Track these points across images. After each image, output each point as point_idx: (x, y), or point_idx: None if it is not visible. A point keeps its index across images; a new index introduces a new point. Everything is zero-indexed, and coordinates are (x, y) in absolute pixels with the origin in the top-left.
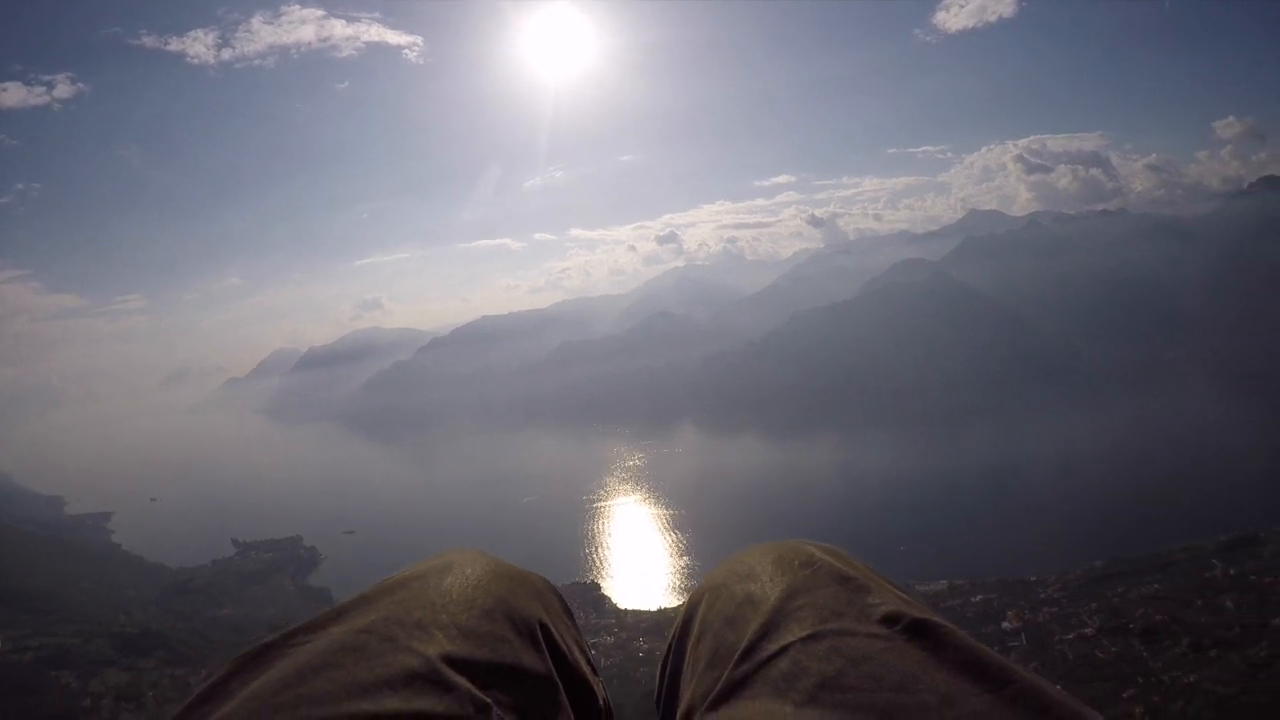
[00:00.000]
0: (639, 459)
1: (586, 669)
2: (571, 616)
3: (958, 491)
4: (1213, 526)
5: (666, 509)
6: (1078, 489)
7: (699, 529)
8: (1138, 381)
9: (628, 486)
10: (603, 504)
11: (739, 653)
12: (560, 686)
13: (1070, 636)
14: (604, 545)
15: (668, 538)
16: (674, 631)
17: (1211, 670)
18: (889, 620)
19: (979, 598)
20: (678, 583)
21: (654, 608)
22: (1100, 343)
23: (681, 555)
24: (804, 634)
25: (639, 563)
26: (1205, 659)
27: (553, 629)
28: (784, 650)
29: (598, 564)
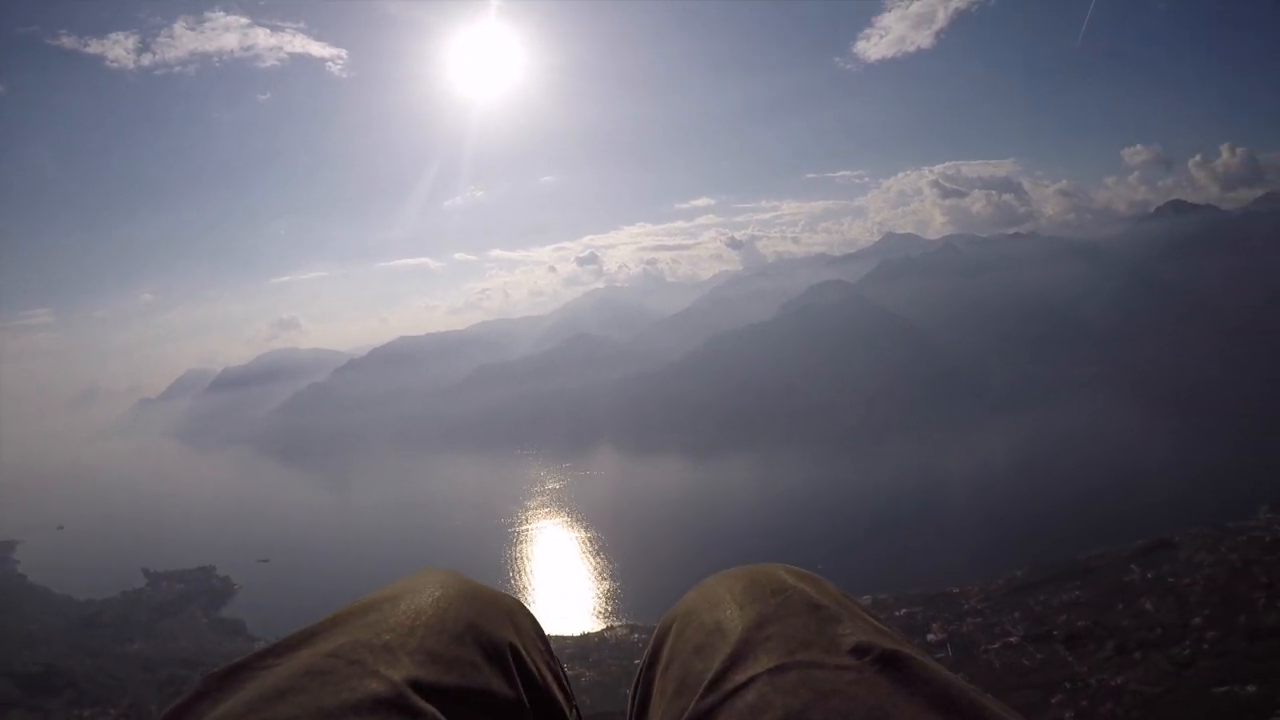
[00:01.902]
0: (558, 482)
1: (559, 693)
2: (545, 639)
3: (877, 508)
4: (1128, 533)
5: (587, 532)
6: (995, 502)
7: (620, 552)
8: (1050, 397)
9: (548, 510)
10: (523, 528)
11: (706, 683)
12: (530, 712)
13: (996, 645)
14: (525, 570)
15: (589, 562)
16: (644, 659)
17: (1137, 671)
18: (859, 651)
19: (903, 611)
20: (600, 607)
21: (576, 632)
22: (1013, 361)
23: (603, 579)
24: (772, 665)
25: (561, 588)
26: (1130, 661)
27: (524, 653)
28: (751, 682)
29: (519, 589)
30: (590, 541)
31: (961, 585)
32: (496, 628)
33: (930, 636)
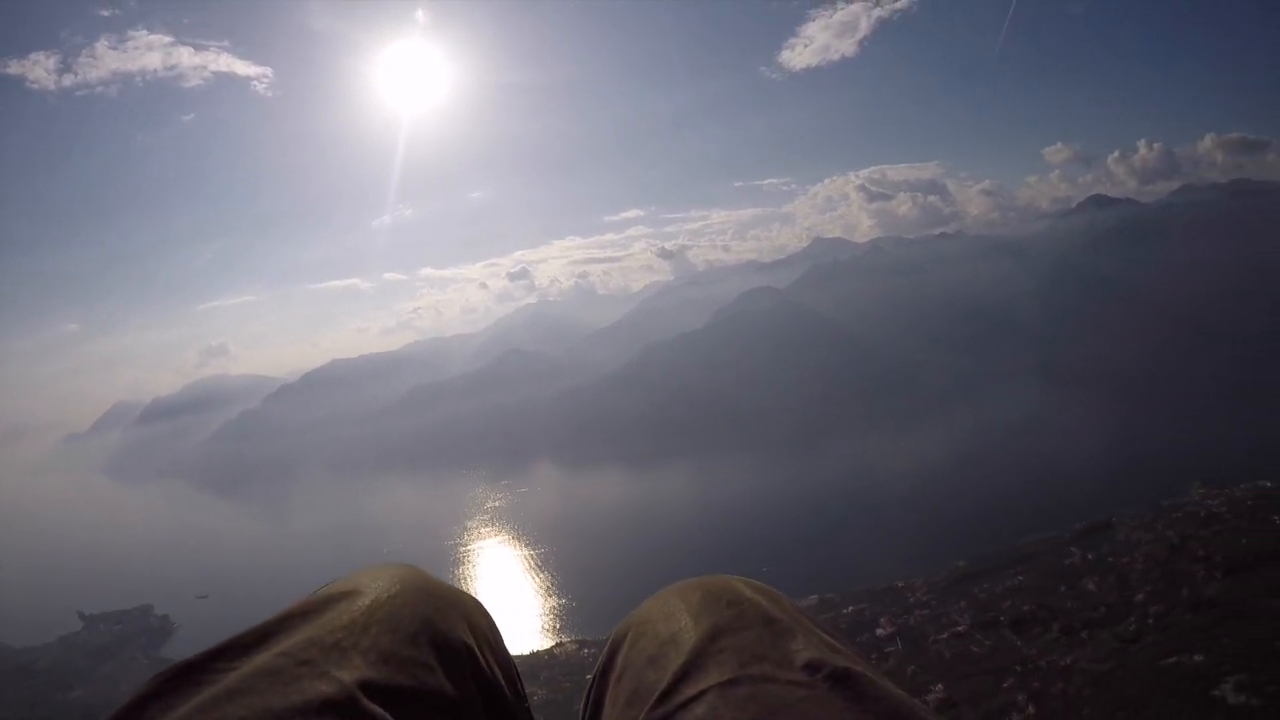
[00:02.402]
0: (499, 500)
1: (511, 697)
2: (502, 640)
3: (819, 509)
4: (1066, 518)
5: (530, 549)
6: (935, 496)
7: (565, 567)
8: (982, 392)
9: (490, 528)
10: (466, 548)
11: (657, 695)
12: (483, 714)
13: (944, 636)
14: (470, 590)
15: (534, 578)
16: (597, 667)
17: (1085, 650)
18: (811, 667)
19: (850, 609)
20: (547, 624)
21: (525, 650)
22: (943, 357)
23: (549, 595)
24: (724, 678)
25: (505, 606)
26: (1077, 640)
27: (479, 654)
28: (702, 694)
29: None
30: (534, 558)
31: (906, 579)
32: (452, 627)
33: (879, 631)
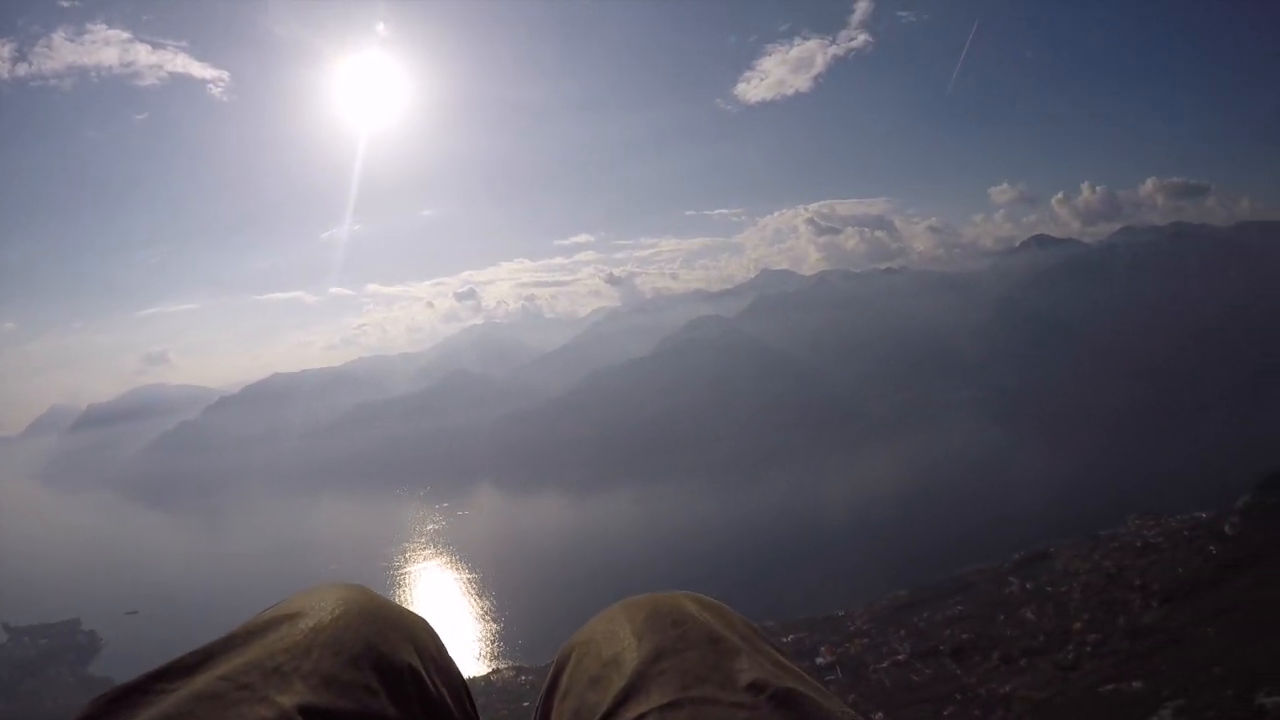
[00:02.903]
0: (439, 522)
1: (460, 718)
2: (450, 660)
3: (760, 536)
4: (1005, 548)
5: (470, 573)
6: (875, 525)
7: (504, 592)
8: (924, 423)
9: (429, 552)
10: (404, 571)
11: (597, 718)
12: None
13: (884, 664)
14: (415, 611)
15: (472, 603)
16: (545, 685)
17: (1025, 678)
18: (754, 688)
19: (790, 637)
20: (485, 650)
21: (464, 676)
22: (887, 389)
23: (488, 621)
24: (664, 701)
25: (444, 631)
26: (1016, 669)
27: (424, 675)
28: (642, 718)
29: None
30: (473, 583)
31: (846, 607)
32: (396, 649)
33: (819, 660)
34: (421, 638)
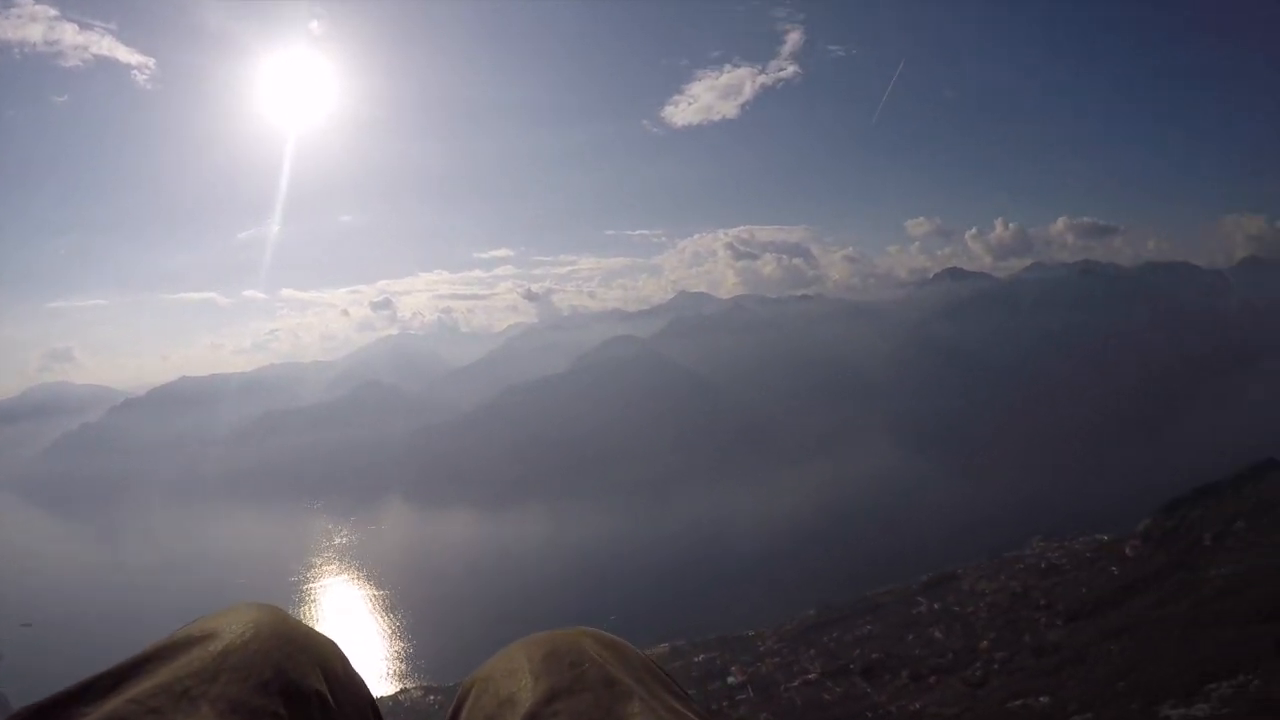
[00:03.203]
0: (347, 536)
1: None
2: (360, 684)
3: (671, 556)
4: (913, 569)
5: (378, 590)
6: (785, 546)
7: (413, 609)
8: (833, 446)
9: (336, 566)
10: (310, 586)
11: None
12: None
13: (795, 683)
14: (325, 633)
15: (380, 621)
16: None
17: (934, 695)
18: None
19: (701, 657)
20: (393, 669)
21: (374, 699)
22: (799, 413)
23: (396, 639)
24: None
25: (351, 649)
26: (926, 686)
27: (332, 702)
28: None
29: None
30: (381, 600)
31: (757, 627)
32: (304, 674)
33: (730, 679)
34: (331, 662)
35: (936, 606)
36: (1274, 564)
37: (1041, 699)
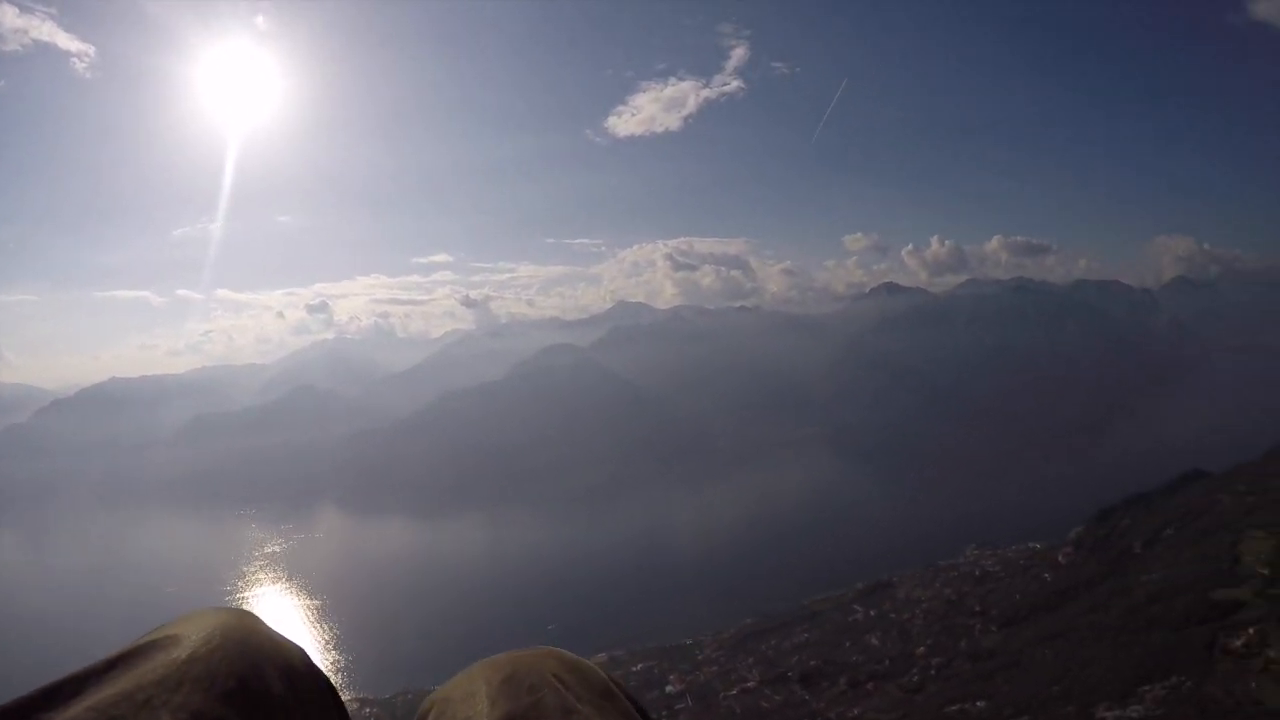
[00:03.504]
0: (280, 544)
1: None
2: (326, 694)
3: (609, 566)
4: (849, 577)
5: (311, 599)
6: (722, 554)
7: (346, 620)
8: (771, 457)
9: (269, 575)
10: (242, 596)
11: None
12: None
13: (734, 692)
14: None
15: (315, 631)
16: None
17: (872, 701)
18: None
19: (639, 666)
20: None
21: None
22: (736, 423)
23: (330, 650)
24: None
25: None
26: (864, 693)
27: (298, 711)
28: None
29: None
30: (315, 609)
31: (695, 636)
32: (269, 685)
33: (669, 688)
34: (298, 671)
35: (873, 614)
36: (1203, 570)
37: (978, 704)
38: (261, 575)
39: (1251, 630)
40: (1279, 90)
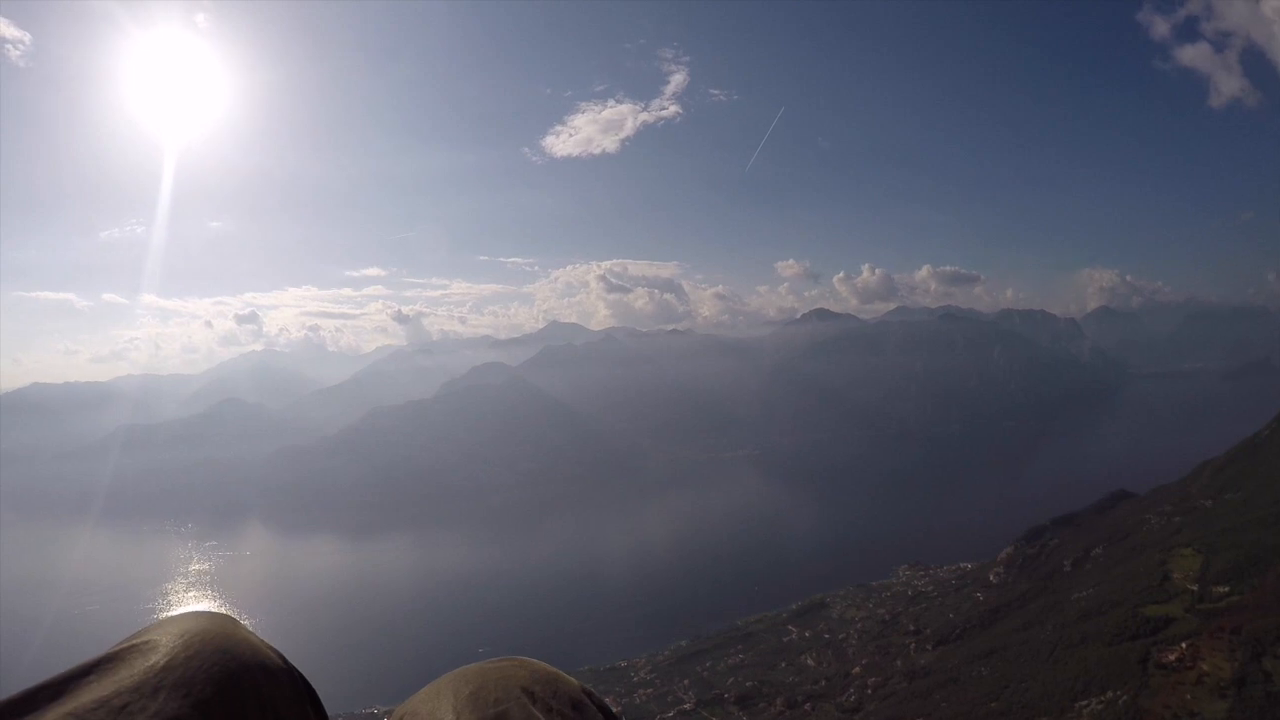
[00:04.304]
0: (205, 562)
1: None
2: (313, 704)
3: (539, 587)
4: (782, 597)
5: (239, 619)
6: (654, 575)
7: (272, 639)
8: (701, 477)
9: (194, 594)
10: (166, 615)
11: None
12: None
13: (670, 714)
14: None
15: None
16: None
17: None
18: None
19: None
20: None
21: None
22: (667, 444)
23: None
24: None
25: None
26: (801, 713)
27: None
28: None
29: None
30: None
31: (629, 658)
32: (246, 691)
33: None
34: (280, 680)
35: (807, 634)
36: (1133, 587)
37: None
38: (187, 594)
39: (1184, 645)
40: (1203, 132)
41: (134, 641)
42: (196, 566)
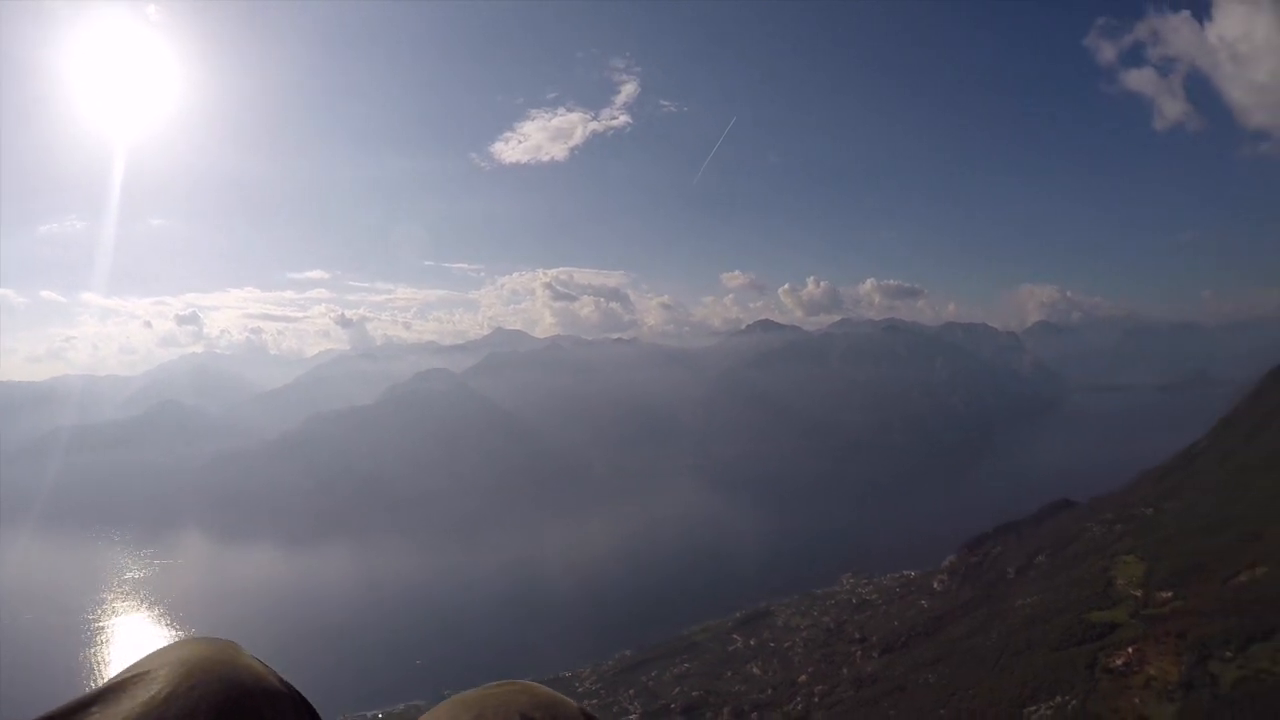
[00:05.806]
0: (140, 570)
1: None
2: None
3: (481, 597)
4: (726, 606)
5: (177, 629)
6: (599, 585)
7: None
8: (646, 488)
9: (131, 603)
10: (102, 625)
11: None
12: None
13: None
14: (105, 678)
15: None
16: None
17: None
18: None
19: None
20: None
21: None
22: (612, 454)
23: None
24: None
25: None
26: None
27: None
28: None
29: None
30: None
31: (573, 668)
32: None
33: None
34: (283, 707)
35: (753, 643)
36: (1078, 594)
37: None
38: (122, 603)
39: (1131, 649)
40: (1146, 154)
41: (135, 672)
42: (132, 574)
